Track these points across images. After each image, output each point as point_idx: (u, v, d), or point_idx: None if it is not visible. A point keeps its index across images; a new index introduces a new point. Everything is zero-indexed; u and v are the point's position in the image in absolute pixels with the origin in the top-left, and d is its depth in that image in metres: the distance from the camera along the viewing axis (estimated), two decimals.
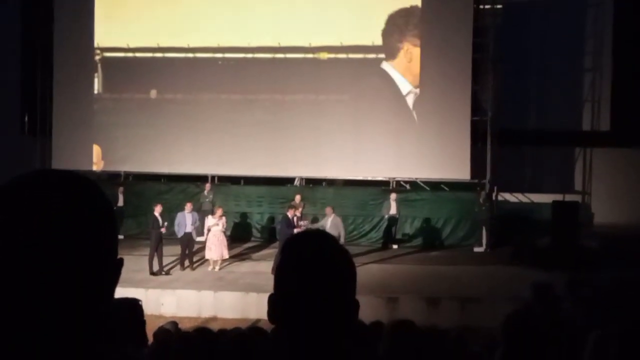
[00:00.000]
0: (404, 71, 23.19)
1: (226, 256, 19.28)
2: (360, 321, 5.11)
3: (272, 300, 1.73)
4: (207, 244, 19.04)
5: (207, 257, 19.12)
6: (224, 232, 19.46)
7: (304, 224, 18.72)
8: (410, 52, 23.13)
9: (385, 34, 23.25)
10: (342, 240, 17.87)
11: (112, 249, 1.32)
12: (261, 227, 23.42)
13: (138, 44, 24.39)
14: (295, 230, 17.71)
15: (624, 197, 24.82)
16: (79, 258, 1.24)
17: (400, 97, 23.06)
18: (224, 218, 19.49)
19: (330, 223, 18.64)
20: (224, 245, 19.09)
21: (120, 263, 1.35)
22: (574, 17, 26.58)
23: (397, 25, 23.17)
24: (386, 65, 23.29)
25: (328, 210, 19.41)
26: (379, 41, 23.29)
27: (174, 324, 8.12)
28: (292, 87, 23.57)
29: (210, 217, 19.52)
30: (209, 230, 19.19)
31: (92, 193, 1.31)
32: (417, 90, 23.05)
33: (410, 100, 23.11)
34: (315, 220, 20.39)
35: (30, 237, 1.21)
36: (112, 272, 1.33)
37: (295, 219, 18.58)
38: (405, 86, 23.17)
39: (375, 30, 23.25)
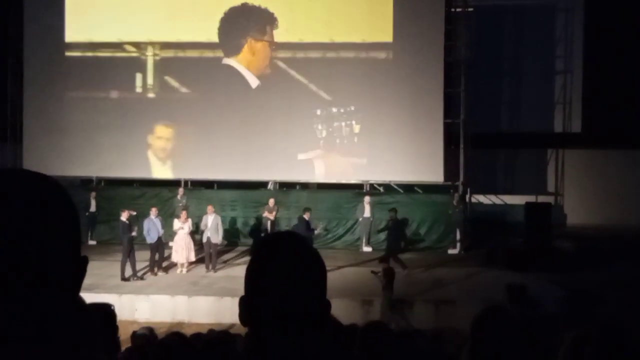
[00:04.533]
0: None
1: (192, 259, 19.35)
2: (337, 322, 5.11)
3: (242, 302, 1.72)
4: (174, 247, 19.14)
5: (173, 259, 19.22)
6: (191, 235, 19.45)
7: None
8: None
9: (224, 32, 23.49)
10: (220, 238, 19.40)
11: (74, 245, 1.31)
12: (235, 231, 23.29)
13: (107, 41, 23.99)
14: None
15: (595, 197, 25.04)
16: (38, 254, 1.23)
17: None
18: (189, 221, 19.50)
19: (212, 221, 19.44)
20: (189, 248, 19.16)
21: (85, 260, 1.34)
22: (545, 20, 26.81)
23: (239, 23, 23.34)
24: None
25: (209, 208, 19.94)
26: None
27: (150, 329, 8.07)
28: (263, 90, 23.48)
29: (176, 220, 19.51)
30: (176, 233, 19.21)
31: (51, 190, 1.30)
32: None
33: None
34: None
35: None
36: (77, 269, 1.32)
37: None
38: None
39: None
